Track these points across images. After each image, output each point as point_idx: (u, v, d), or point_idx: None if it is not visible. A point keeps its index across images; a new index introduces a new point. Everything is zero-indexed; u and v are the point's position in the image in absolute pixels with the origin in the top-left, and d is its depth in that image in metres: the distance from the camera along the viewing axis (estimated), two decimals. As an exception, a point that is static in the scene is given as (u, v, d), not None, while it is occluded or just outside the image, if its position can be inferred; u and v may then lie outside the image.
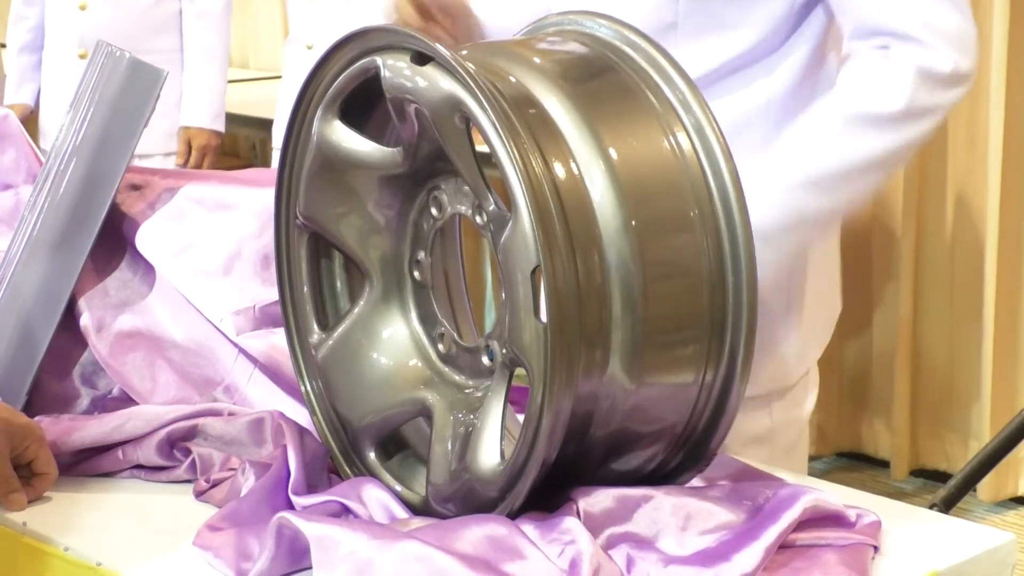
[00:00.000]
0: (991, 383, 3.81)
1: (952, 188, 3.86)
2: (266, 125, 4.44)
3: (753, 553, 1.35)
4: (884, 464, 4.07)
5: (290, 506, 1.50)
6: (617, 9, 1.75)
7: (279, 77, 4.46)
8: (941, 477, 3.86)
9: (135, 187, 1.91)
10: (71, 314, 1.84)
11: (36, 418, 1.76)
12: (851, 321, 4.16)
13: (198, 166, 4.07)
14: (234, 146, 5.39)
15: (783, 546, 1.39)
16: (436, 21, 1.79)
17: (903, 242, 3.93)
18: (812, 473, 3.79)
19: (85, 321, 1.83)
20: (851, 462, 4.18)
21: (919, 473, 4.03)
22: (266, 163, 4.82)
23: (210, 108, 4.07)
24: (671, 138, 1.45)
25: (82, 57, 4.01)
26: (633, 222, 1.39)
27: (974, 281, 3.82)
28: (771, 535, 1.37)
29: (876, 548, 1.44)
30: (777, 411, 1.95)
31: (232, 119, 4.77)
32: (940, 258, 3.91)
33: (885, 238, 4.01)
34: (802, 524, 1.41)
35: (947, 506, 3.02)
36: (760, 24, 1.84)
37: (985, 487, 3.66)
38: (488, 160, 1.36)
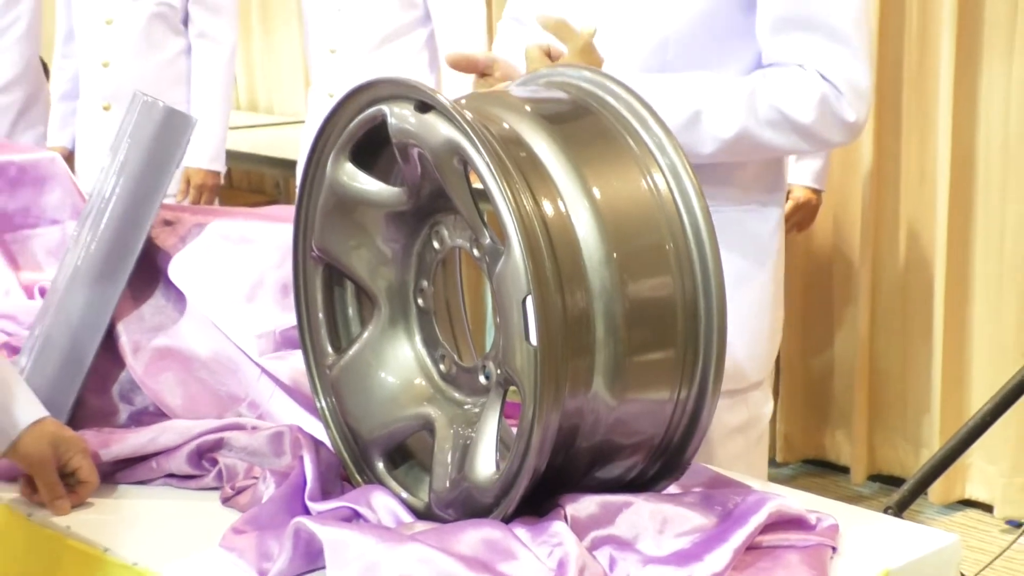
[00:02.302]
0: (940, 397, 3.81)
1: (904, 220, 3.86)
2: (289, 165, 4.45)
3: (723, 554, 1.35)
4: (845, 470, 4.06)
5: (306, 511, 1.50)
6: (614, 55, 1.80)
7: (302, 122, 4.47)
8: (896, 481, 3.85)
9: (168, 223, 1.91)
10: (111, 337, 1.83)
11: (79, 431, 1.76)
12: (815, 341, 4.16)
13: (197, 202, 4.06)
14: (261, 184, 5.40)
15: (750, 547, 1.38)
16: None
17: (860, 270, 3.93)
18: (780, 478, 3.82)
19: (123, 343, 1.83)
20: (815, 468, 4.17)
21: (876, 478, 4.02)
22: (290, 199, 4.81)
23: (209, 150, 4.06)
24: (648, 178, 1.45)
25: (105, 109, 4.02)
26: (615, 255, 1.39)
27: (924, 305, 3.83)
28: (739, 537, 1.37)
29: (834, 549, 1.43)
30: (752, 404, 1.98)
31: (258, 160, 4.78)
32: (894, 284, 3.92)
33: (844, 266, 4.02)
34: (767, 527, 1.41)
35: (901, 508, 3.01)
36: (733, 67, 1.86)
37: (935, 491, 3.65)
38: (484, 197, 1.36)
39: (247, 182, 5.31)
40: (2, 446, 1.60)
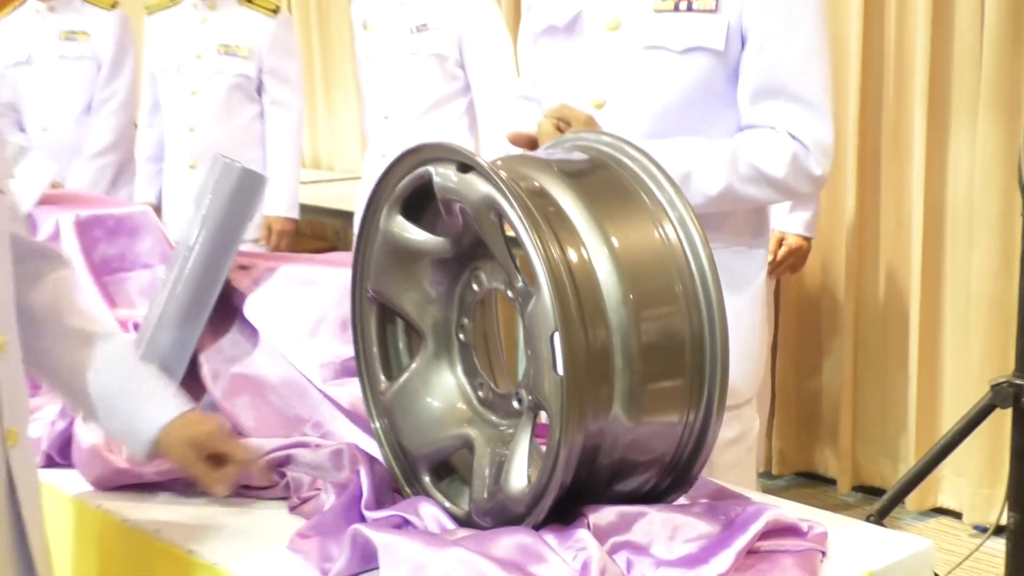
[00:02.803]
0: (915, 417, 3.78)
1: (883, 264, 3.85)
2: (347, 215, 4.46)
3: (726, 557, 1.35)
4: (832, 482, 4.03)
5: (362, 519, 1.51)
6: (623, 123, 1.80)
7: (358, 178, 4.48)
8: (877, 492, 3.83)
9: (243, 267, 1.92)
10: (194, 366, 1.85)
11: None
12: (806, 368, 4.14)
13: (277, 246, 4.08)
14: (322, 231, 5.42)
15: (750, 552, 1.38)
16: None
17: (845, 306, 3.92)
18: (775, 489, 3.79)
19: (204, 372, 1.84)
20: (806, 480, 4.14)
21: (859, 488, 3.99)
22: (347, 246, 4.82)
23: (286, 201, 4.08)
24: (660, 229, 1.45)
25: (191, 167, 4.05)
26: (631, 296, 1.38)
27: (901, 337, 3.81)
28: (740, 543, 1.37)
29: (824, 553, 1.43)
30: (745, 419, 1.98)
31: (320, 211, 4.79)
32: (874, 319, 3.90)
33: (831, 303, 4.00)
34: (765, 534, 1.40)
35: (881, 516, 2.98)
36: (722, 129, 1.86)
37: (912, 500, 3.62)
38: (517, 245, 1.36)
39: (311, 230, 5.33)
40: (143, 448, 1.58)
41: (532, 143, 1.74)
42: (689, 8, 1.80)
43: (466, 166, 1.44)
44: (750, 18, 1.80)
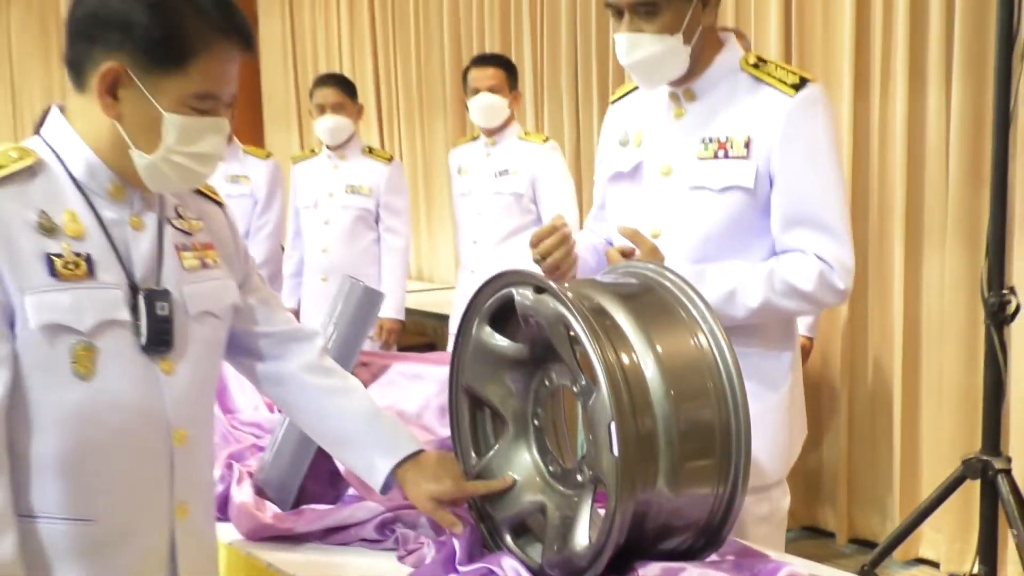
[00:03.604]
0: (899, 483, 3.70)
1: (871, 360, 3.79)
2: (443, 317, 4.49)
3: (751, 606, 1.31)
4: (831, 535, 3.92)
5: (456, 570, 1.49)
6: (673, 249, 1.79)
7: (452, 288, 4.51)
8: (868, 543, 3.74)
9: (363, 364, 1.93)
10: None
11: (301, 507, 1.75)
12: (810, 443, 4.01)
13: (387, 340, 4.10)
14: (423, 329, 5.42)
15: (770, 601, 1.34)
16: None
17: (841, 393, 3.85)
18: (785, 541, 3.68)
19: (333, 447, 1.84)
20: (810, 533, 4.02)
21: (854, 540, 3.88)
22: (442, 341, 4.84)
23: (395, 306, 4.10)
24: (695, 338, 1.45)
25: (323, 280, 4.10)
26: (672, 391, 1.38)
27: (887, 419, 3.74)
28: (762, 594, 1.33)
29: (829, 603, 1.39)
30: (774, 499, 1.89)
31: (421, 313, 4.81)
32: (865, 404, 3.83)
33: (829, 390, 3.93)
34: (782, 587, 1.37)
35: (874, 566, 2.90)
36: (756, 253, 1.82)
37: (898, 552, 3.50)
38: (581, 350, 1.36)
39: (413, 328, 5.34)
40: (379, 482, 1.53)
41: (641, 241, 1.74)
42: (726, 156, 1.78)
43: (541, 288, 1.44)
44: (776, 162, 1.77)
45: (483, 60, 3.86)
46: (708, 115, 1.82)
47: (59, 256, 1.28)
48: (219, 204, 1.54)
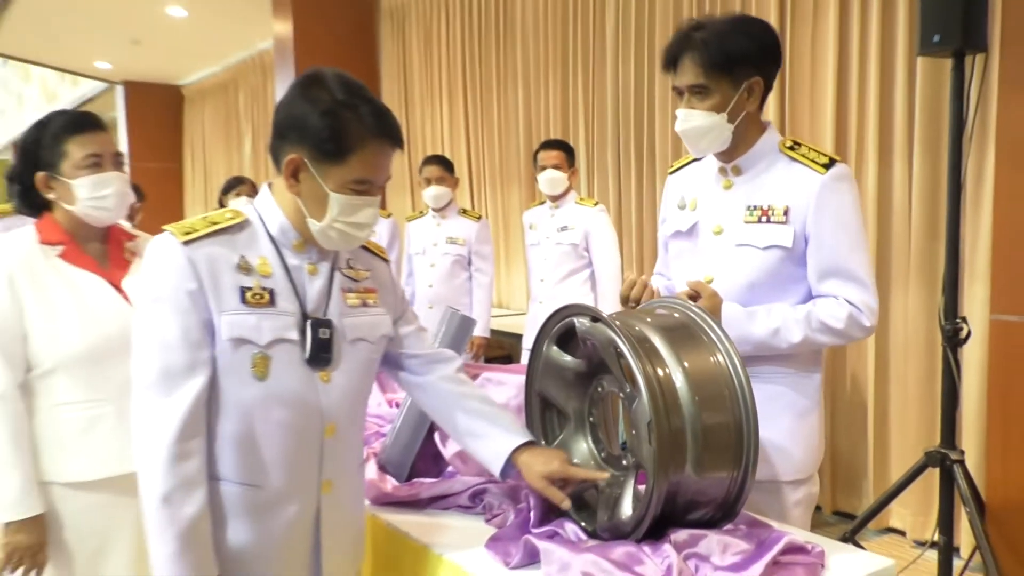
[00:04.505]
0: (872, 467, 3.57)
1: (849, 371, 3.68)
2: (516, 336, 4.48)
3: (759, 566, 1.28)
4: (819, 508, 3.80)
5: (530, 532, 1.47)
6: (722, 293, 1.71)
7: (524, 314, 4.50)
8: (847, 515, 3.61)
9: (461, 373, 1.92)
10: (431, 431, 1.84)
11: (412, 480, 1.75)
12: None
13: (477, 353, 4.11)
14: (501, 344, 5.40)
15: (774, 562, 1.30)
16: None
17: (826, 400, 3.73)
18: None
19: (437, 438, 1.83)
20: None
21: (837, 513, 3.75)
22: (516, 354, 4.82)
23: (482, 326, 4.09)
24: (715, 357, 1.41)
25: (430, 308, 4.11)
26: (696, 397, 1.35)
27: (862, 419, 3.62)
28: (768, 557, 1.30)
29: (823, 565, 1.34)
30: (808, 488, 1.77)
31: (500, 332, 4.79)
32: (844, 406, 3.71)
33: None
34: (784, 551, 1.33)
35: (853, 533, 2.80)
36: (792, 297, 1.73)
37: (873, 523, 3.38)
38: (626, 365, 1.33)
39: (495, 343, 5.33)
40: (499, 466, 1.47)
41: (638, 299, 1.68)
42: (768, 220, 1.71)
43: (596, 318, 1.43)
44: (811, 226, 1.68)
45: (549, 144, 3.87)
46: (752, 187, 1.74)
47: (249, 288, 1.32)
48: (385, 261, 1.56)
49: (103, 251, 1.84)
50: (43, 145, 1.77)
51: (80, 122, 1.78)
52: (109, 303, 1.77)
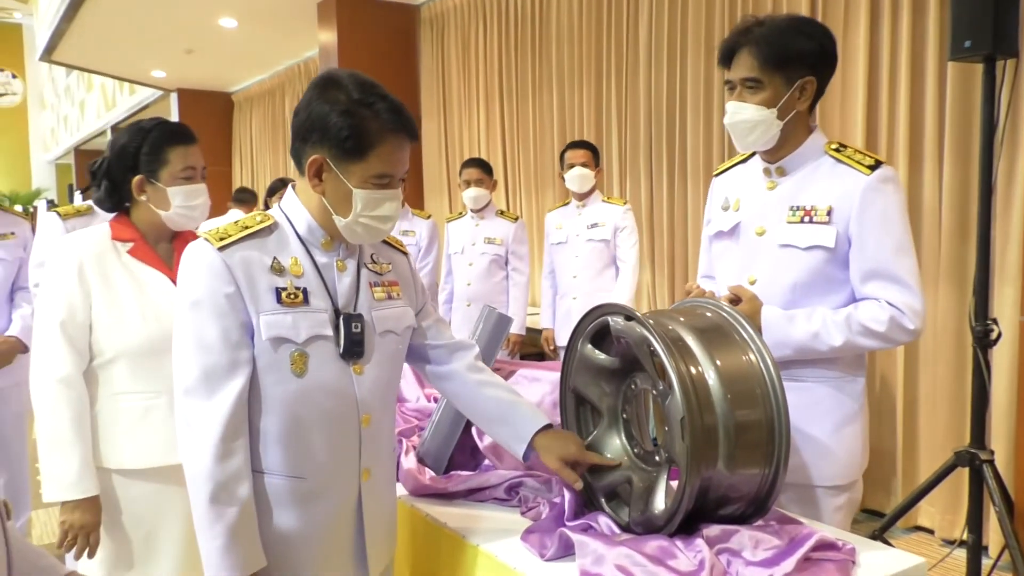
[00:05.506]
0: (901, 467, 3.50)
1: (878, 373, 3.61)
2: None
3: (791, 562, 1.26)
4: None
5: (565, 524, 1.46)
6: (764, 295, 1.67)
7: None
8: (879, 514, 3.54)
9: (496, 369, 1.91)
10: (468, 426, 1.83)
11: (450, 473, 1.74)
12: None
13: (512, 349, 4.09)
14: (536, 341, 5.40)
15: (805, 559, 1.28)
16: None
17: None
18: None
19: (474, 430, 1.83)
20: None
21: (866, 511, 3.68)
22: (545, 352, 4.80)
23: (518, 323, 4.08)
24: (747, 356, 1.39)
25: (468, 306, 4.11)
26: (728, 395, 1.33)
27: (891, 420, 3.55)
28: (800, 553, 1.27)
29: (854, 562, 1.31)
30: (850, 494, 1.73)
31: (536, 330, 4.76)
32: (875, 408, 3.64)
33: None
34: (815, 547, 1.30)
35: (883, 531, 2.74)
36: (835, 299, 1.67)
37: (902, 521, 3.32)
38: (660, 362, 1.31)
39: (529, 340, 5.30)
40: (521, 449, 1.48)
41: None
42: (811, 221, 1.66)
43: (629, 317, 1.41)
44: (854, 227, 1.63)
45: (576, 144, 3.86)
46: (796, 188, 1.70)
47: (284, 289, 1.32)
48: (404, 253, 1.56)
49: (170, 251, 1.87)
50: (144, 151, 1.80)
51: (181, 134, 1.82)
52: (170, 300, 1.80)
